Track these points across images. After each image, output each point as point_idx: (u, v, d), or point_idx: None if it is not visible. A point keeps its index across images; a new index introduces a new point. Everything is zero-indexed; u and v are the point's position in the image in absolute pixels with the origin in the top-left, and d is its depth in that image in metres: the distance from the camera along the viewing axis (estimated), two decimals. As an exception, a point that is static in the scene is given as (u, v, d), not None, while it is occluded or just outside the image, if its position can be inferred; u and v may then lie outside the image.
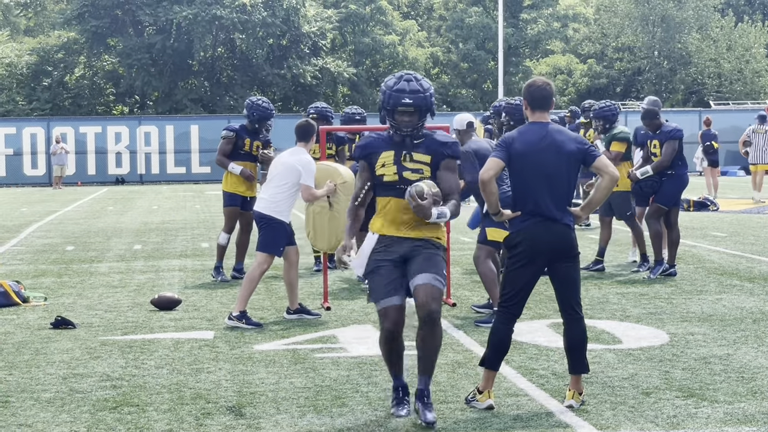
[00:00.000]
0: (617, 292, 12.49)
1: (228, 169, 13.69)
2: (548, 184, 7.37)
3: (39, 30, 67.37)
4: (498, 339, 7.45)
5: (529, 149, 7.38)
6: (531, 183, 7.37)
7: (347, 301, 12.11)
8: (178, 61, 57.72)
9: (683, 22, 62.99)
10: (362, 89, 61.18)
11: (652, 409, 7.30)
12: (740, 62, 62.48)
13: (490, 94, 61.33)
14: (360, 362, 8.89)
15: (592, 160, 7.46)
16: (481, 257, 10.60)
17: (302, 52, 58.93)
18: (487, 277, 10.60)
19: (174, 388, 8.05)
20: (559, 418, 7.11)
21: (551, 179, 7.37)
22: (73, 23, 58.15)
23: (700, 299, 11.89)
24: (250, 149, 13.72)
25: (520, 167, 7.39)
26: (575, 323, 7.48)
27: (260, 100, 13.90)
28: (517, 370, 8.50)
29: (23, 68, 57.98)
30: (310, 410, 7.40)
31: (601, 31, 66.34)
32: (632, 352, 9.15)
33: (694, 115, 47.82)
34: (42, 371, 8.74)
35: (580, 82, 64.40)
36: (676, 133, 13.74)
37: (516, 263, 7.40)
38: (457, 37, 65.19)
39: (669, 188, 13.76)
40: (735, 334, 9.89)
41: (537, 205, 7.36)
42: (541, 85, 7.55)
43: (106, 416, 7.30)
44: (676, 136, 13.72)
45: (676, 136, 13.72)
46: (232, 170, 13.63)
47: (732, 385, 7.92)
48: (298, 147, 10.92)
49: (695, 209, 24.29)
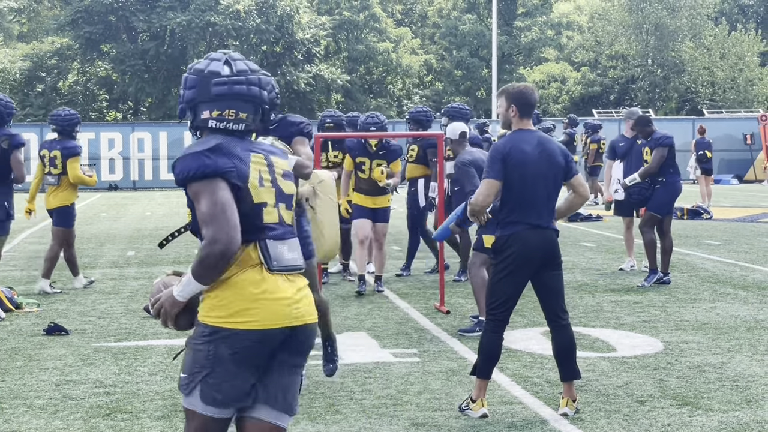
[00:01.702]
0: (611, 300, 12.48)
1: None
2: (541, 192, 7.37)
3: (32, 36, 67.33)
4: (488, 347, 7.42)
5: (526, 158, 7.36)
6: (525, 190, 7.35)
7: (341, 309, 12.09)
8: (172, 67, 57.70)
9: (677, 30, 63.11)
10: (356, 96, 61.19)
11: (646, 417, 7.29)
12: (733, 71, 62.58)
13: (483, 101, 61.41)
14: (354, 369, 8.87)
15: (570, 176, 7.54)
16: (476, 264, 10.55)
17: (296, 59, 58.96)
18: (477, 286, 10.56)
19: (168, 395, 8.02)
20: (553, 426, 7.10)
21: (545, 187, 7.37)
22: (66, 29, 58.14)
23: (695, 307, 11.89)
24: None
25: (518, 176, 7.35)
26: (562, 330, 7.46)
27: None
28: (512, 378, 8.48)
29: (16, 74, 57.96)
30: (304, 417, 7.38)
31: (595, 39, 66.44)
32: (626, 360, 9.14)
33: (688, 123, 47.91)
34: (35, 378, 8.71)
35: (573, 89, 64.46)
36: (665, 140, 13.75)
37: (504, 269, 7.35)
38: (451, 45, 65.30)
39: (661, 196, 13.77)
40: (729, 342, 9.89)
41: (528, 213, 7.34)
42: (531, 93, 7.53)
43: (99, 423, 7.28)
44: (666, 143, 13.73)
45: (666, 143, 13.73)
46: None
47: (726, 394, 7.91)
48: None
49: (689, 217, 24.32)
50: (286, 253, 4.51)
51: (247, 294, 4.39)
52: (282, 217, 4.55)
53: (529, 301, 11.24)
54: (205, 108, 4.60)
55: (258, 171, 4.51)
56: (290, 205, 4.62)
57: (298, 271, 4.55)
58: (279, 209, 4.54)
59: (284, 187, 4.60)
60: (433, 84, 66.46)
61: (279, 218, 4.53)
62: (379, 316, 11.53)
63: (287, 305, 4.43)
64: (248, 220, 4.43)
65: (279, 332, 4.41)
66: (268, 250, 4.46)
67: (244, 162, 4.47)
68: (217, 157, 4.43)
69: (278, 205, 4.54)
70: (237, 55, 4.73)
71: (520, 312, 11.39)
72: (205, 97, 4.60)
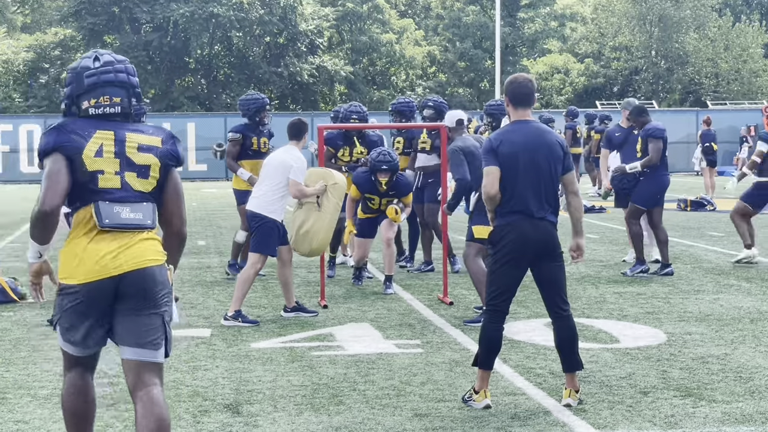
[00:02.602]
0: (614, 292, 12.48)
1: (237, 174, 13.64)
2: (536, 183, 7.35)
3: (36, 27, 67.27)
4: (488, 338, 7.42)
5: (518, 149, 7.35)
6: (519, 181, 7.33)
7: (344, 299, 12.11)
8: (175, 58, 57.68)
9: (681, 21, 63.00)
10: (359, 87, 61.13)
11: (649, 408, 7.29)
12: (737, 62, 62.50)
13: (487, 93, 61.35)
14: (357, 360, 8.88)
15: (565, 171, 7.51)
16: (471, 255, 10.54)
17: (299, 50, 58.90)
18: (476, 276, 10.56)
19: (171, 385, 8.03)
20: (556, 417, 7.11)
21: (540, 178, 7.36)
22: (69, 20, 58.13)
23: (698, 299, 11.89)
24: (259, 147, 13.71)
25: (509, 167, 7.35)
26: (563, 321, 7.46)
27: (250, 94, 14.17)
28: (515, 369, 8.49)
29: (20, 65, 57.95)
30: (307, 408, 7.39)
31: (599, 30, 66.33)
32: (630, 351, 9.15)
33: (691, 114, 47.87)
34: (39, 368, 8.73)
35: (577, 81, 64.38)
36: (657, 132, 13.71)
37: (501, 260, 7.36)
38: (455, 36, 65.19)
39: (645, 188, 13.74)
40: (732, 333, 9.89)
41: (524, 203, 7.32)
42: (522, 82, 7.51)
43: (103, 413, 7.28)
44: (658, 135, 13.68)
45: (658, 135, 13.68)
46: (241, 176, 13.56)
47: (730, 385, 7.91)
48: (290, 145, 11.00)
49: (692, 209, 24.30)
50: (125, 213, 5.30)
51: (77, 252, 5.31)
52: (127, 183, 5.34)
53: (533, 293, 11.23)
54: (84, 99, 5.41)
55: (99, 144, 5.32)
56: (144, 174, 5.38)
57: (138, 229, 5.32)
58: (124, 176, 5.33)
59: (135, 158, 5.38)
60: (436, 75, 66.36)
61: (122, 184, 5.32)
62: (382, 307, 11.54)
63: (108, 259, 5.25)
64: (84, 186, 5.30)
65: (103, 284, 5.26)
66: (101, 210, 5.27)
67: (83, 137, 5.31)
68: (56, 135, 5.32)
69: (123, 173, 5.33)
70: (105, 51, 5.50)
71: (523, 303, 11.40)
72: (82, 90, 5.41)
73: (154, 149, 5.42)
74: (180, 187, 5.57)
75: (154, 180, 5.41)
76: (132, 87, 5.52)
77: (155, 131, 5.50)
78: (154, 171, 5.40)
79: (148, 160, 5.39)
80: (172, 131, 5.74)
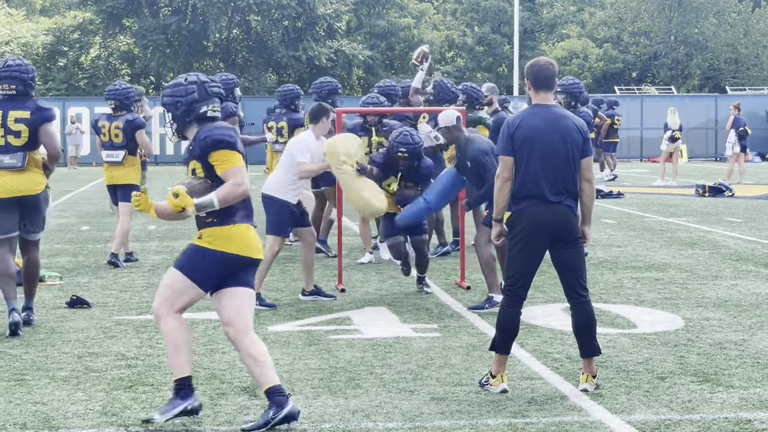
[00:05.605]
0: (632, 277, 12.46)
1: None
2: (552, 167, 7.32)
3: (55, 10, 67.39)
4: (506, 322, 7.43)
5: (536, 134, 7.33)
6: (534, 165, 7.31)
7: (362, 283, 12.12)
8: (194, 42, 57.70)
9: (700, 7, 62.70)
10: (377, 72, 61.03)
11: (666, 393, 7.29)
12: (757, 47, 62.18)
13: (505, 77, 61.19)
14: (374, 344, 8.89)
15: (583, 156, 7.44)
16: (482, 240, 10.50)
17: (317, 35, 58.84)
18: (485, 262, 10.52)
19: (189, 368, 8.05)
20: (573, 402, 7.11)
21: (556, 162, 7.33)
22: (88, 3, 58.18)
23: (716, 284, 11.86)
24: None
25: (527, 151, 7.33)
26: (582, 306, 7.44)
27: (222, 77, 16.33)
28: (532, 354, 8.49)
29: (39, 48, 58.02)
30: (324, 391, 7.41)
31: (618, 15, 66.06)
32: (647, 336, 9.14)
33: (710, 100, 47.69)
34: (57, 350, 8.77)
35: (595, 66, 64.16)
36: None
37: (516, 245, 7.36)
38: (473, 20, 65.05)
39: None
40: (750, 319, 9.87)
41: (538, 188, 7.30)
42: (544, 64, 7.50)
43: (121, 395, 7.32)
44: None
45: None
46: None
47: (747, 371, 7.90)
48: (309, 130, 11.18)
49: (711, 195, 24.22)
50: (6, 160, 9.44)
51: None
52: (8, 142, 9.46)
53: (550, 277, 11.23)
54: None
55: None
56: (18, 135, 9.44)
57: (10, 169, 9.42)
58: (7, 138, 9.45)
59: (12, 126, 9.46)
60: (454, 60, 66.20)
61: (5, 143, 9.45)
62: (399, 292, 11.55)
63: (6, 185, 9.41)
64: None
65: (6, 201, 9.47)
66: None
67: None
68: None
69: (6, 136, 9.45)
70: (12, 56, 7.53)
71: (540, 288, 11.39)
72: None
73: (23, 120, 9.56)
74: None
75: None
76: (26, 77, 9.82)
77: (21, 107, 9.69)
78: (21, 134, 9.51)
79: (18, 127, 9.48)
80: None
